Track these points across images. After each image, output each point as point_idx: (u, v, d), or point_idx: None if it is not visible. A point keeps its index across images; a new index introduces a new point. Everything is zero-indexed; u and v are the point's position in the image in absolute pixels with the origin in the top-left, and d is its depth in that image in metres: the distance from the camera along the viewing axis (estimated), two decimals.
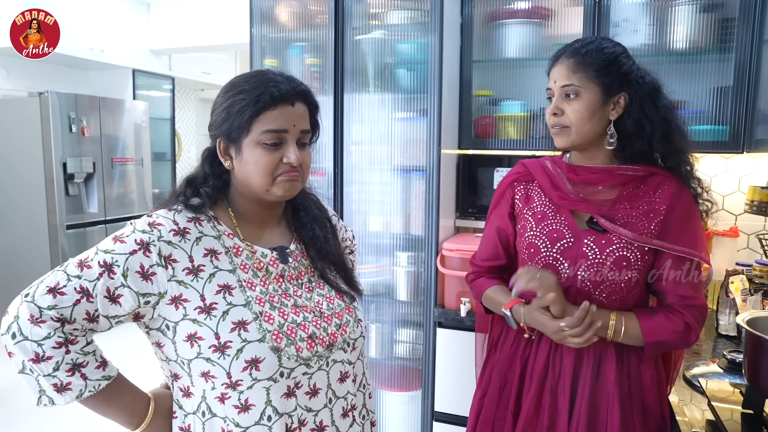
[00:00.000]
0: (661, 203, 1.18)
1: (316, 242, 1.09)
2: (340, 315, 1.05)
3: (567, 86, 1.16)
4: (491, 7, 2.20)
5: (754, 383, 1.07)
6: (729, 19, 1.92)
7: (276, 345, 0.93)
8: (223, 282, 0.94)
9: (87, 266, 0.89)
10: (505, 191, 1.35)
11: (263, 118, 0.94)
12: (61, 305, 0.87)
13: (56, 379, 0.89)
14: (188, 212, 0.97)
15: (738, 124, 1.92)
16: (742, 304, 1.67)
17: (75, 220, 4.23)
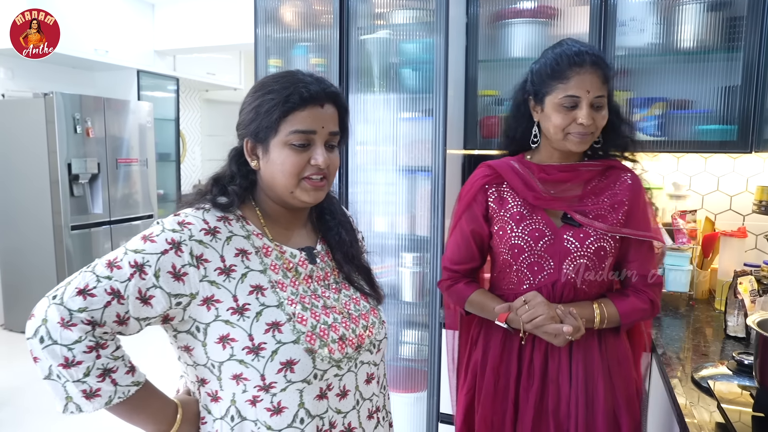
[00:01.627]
0: (622, 195, 1.29)
1: (342, 246, 1.08)
2: (366, 316, 1.05)
3: (600, 98, 1.22)
4: (497, 7, 2.19)
5: (765, 386, 1.06)
6: (737, 17, 1.90)
7: (310, 346, 0.92)
8: (255, 282, 0.93)
9: (117, 266, 0.86)
10: (477, 195, 1.36)
11: (292, 119, 0.93)
12: (91, 307, 0.84)
13: (86, 385, 0.86)
14: (216, 211, 0.96)
15: (746, 123, 1.91)
16: (750, 305, 1.66)
17: (80, 220, 4.23)
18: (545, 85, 1.25)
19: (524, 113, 1.34)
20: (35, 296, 3.23)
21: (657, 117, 2.04)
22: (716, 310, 1.96)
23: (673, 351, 1.57)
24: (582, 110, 1.20)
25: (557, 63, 1.22)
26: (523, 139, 1.36)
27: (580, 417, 1.29)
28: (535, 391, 1.30)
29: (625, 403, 1.33)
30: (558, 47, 1.26)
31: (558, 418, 1.30)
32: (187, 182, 6.25)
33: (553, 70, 1.23)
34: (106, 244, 4.46)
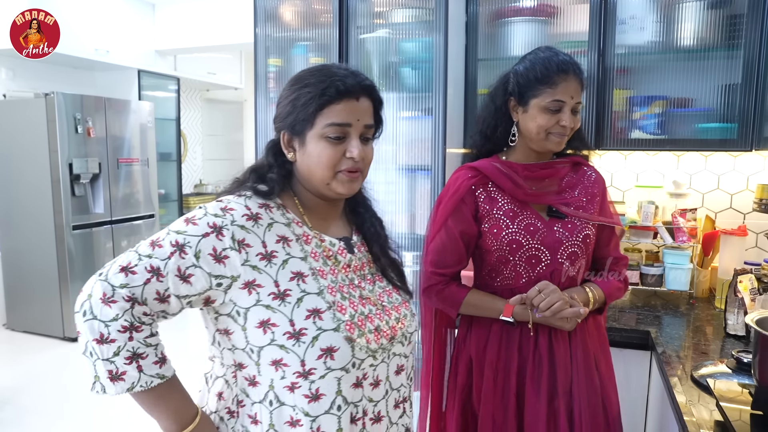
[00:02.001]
0: (593, 188, 1.43)
1: (378, 239, 1.12)
2: (398, 308, 1.07)
3: (578, 103, 1.32)
4: (496, 5, 2.19)
5: (763, 384, 1.06)
6: (737, 15, 1.90)
7: (350, 335, 0.94)
8: (296, 269, 0.95)
9: (158, 245, 0.90)
10: (465, 196, 1.38)
11: (327, 112, 0.95)
12: (132, 284, 0.87)
13: (113, 365, 0.88)
14: (258, 198, 0.97)
15: (746, 121, 1.90)
16: (750, 303, 1.65)
17: (81, 220, 4.24)
18: (532, 88, 1.31)
19: (504, 113, 1.39)
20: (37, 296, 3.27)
21: (657, 115, 2.03)
22: (716, 309, 1.96)
23: (673, 349, 1.57)
24: (565, 114, 1.30)
25: (546, 68, 1.29)
26: (501, 138, 1.41)
27: (583, 396, 1.36)
28: (545, 376, 1.34)
29: (610, 381, 1.45)
30: (540, 53, 1.34)
31: (568, 399, 1.36)
32: (188, 182, 6.26)
33: (543, 74, 1.29)
34: (107, 244, 4.47)
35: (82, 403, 3.22)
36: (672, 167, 2.24)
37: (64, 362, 3.85)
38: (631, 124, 2.07)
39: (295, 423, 0.94)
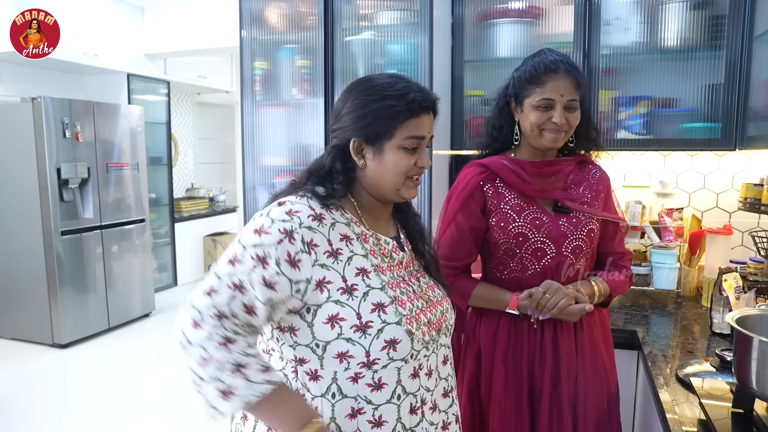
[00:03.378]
0: (598, 185, 1.47)
1: (423, 236, 1.18)
2: (441, 303, 1.13)
3: (573, 101, 1.34)
4: (482, 7, 2.19)
5: (743, 382, 1.06)
6: (719, 16, 1.91)
7: (410, 328, 0.99)
8: (360, 265, 1.00)
9: (238, 262, 0.93)
10: (474, 192, 1.44)
11: (408, 125, 1.01)
12: (218, 303, 0.91)
13: (220, 383, 0.89)
14: (317, 200, 1.01)
15: (730, 121, 1.92)
16: (735, 302, 1.66)
17: (70, 225, 4.21)
18: (524, 89, 1.38)
19: (507, 114, 1.46)
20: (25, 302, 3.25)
21: (642, 115, 2.04)
22: (703, 308, 1.97)
23: (660, 348, 1.58)
24: (556, 111, 1.34)
25: (535, 70, 1.35)
26: (506, 137, 1.47)
27: (589, 385, 1.42)
28: (549, 366, 1.40)
29: (612, 370, 1.50)
30: (537, 56, 1.39)
31: (573, 387, 1.41)
32: (180, 186, 6.24)
33: (532, 76, 1.36)
34: (97, 249, 4.45)
35: (74, 411, 3.20)
36: (659, 167, 2.25)
37: (54, 369, 3.82)
38: (617, 125, 2.08)
39: (356, 413, 0.98)
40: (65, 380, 3.65)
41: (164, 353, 4.25)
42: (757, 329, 1.08)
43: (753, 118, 1.82)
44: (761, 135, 1.73)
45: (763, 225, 2.06)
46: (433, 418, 1.06)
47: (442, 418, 1.09)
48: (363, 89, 1.04)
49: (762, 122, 1.75)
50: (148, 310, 4.96)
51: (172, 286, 5.62)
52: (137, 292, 4.84)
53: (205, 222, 6.03)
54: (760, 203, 1.84)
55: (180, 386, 3.51)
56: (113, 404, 3.27)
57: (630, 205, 2.18)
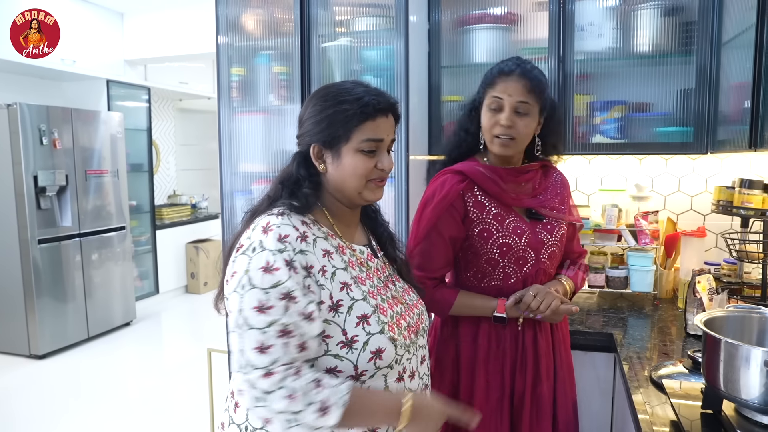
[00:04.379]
0: (562, 189, 1.51)
1: (392, 241, 1.21)
2: (417, 305, 1.17)
3: (522, 103, 1.33)
4: (459, 13, 2.21)
5: (711, 383, 1.07)
6: (689, 22, 1.95)
7: (392, 335, 1.01)
8: (343, 279, 1.01)
9: (268, 308, 0.91)
10: (455, 202, 1.40)
11: (364, 128, 1.02)
12: (278, 358, 0.91)
13: (315, 404, 0.90)
14: (296, 214, 1.02)
15: (701, 125, 1.95)
16: (708, 303, 1.68)
17: (48, 234, 4.15)
18: (482, 91, 1.40)
19: (475, 118, 1.45)
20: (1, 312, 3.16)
21: (617, 120, 2.07)
22: (679, 309, 1.99)
23: (635, 351, 1.59)
24: (504, 112, 1.33)
25: (491, 72, 1.38)
26: (472, 143, 1.46)
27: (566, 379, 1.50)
28: (530, 366, 1.43)
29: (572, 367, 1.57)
30: (501, 62, 1.41)
31: (552, 383, 1.47)
32: (162, 192, 6.18)
33: (488, 78, 1.39)
34: (76, 258, 4.38)
35: (51, 424, 3.14)
36: (634, 170, 2.28)
37: (30, 381, 3.76)
38: (592, 129, 2.10)
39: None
40: (42, 392, 3.58)
41: (146, 362, 4.20)
42: (725, 330, 1.10)
43: (723, 122, 1.86)
44: (731, 139, 1.76)
45: (735, 227, 2.09)
46: None
47: None
48: (321, 96, 1.06)
49: (731, 126, 1.78)
50: (129, 319, 4.89)
51: (153, 294, 5.56)
52: (118, 301, 4.78)
53: (188, 229, 5.98)
54: (733, 206, 1.86)
55: (162, 396, 3.48)
56: (93, 416, 3.22)
57: (606, 208, 2.20)
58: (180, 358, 4.29)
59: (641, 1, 1.99)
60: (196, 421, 3.08)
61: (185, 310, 5.53)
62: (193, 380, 3.67)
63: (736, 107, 1.70)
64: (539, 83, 1.34)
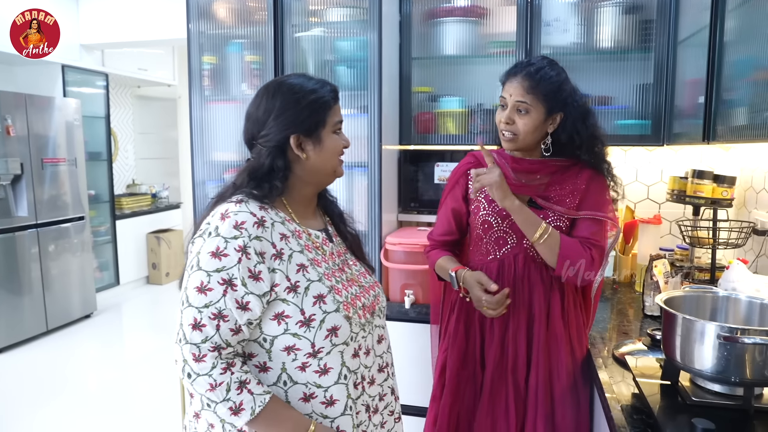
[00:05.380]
0: (581, 184, 1.48)
1: (342, 217, 1.28)
2: (373, 287, 1.23)
3: (520, 102, 1.40)
4: (429, 5, 2.25)
5: (669, 356, 1.16)
6: (648, 20, 2.05)
7: (347, 314, 1.08)
8: (299, 261, 1.06)
9: (208, 290, 0.99)
10: (459, 178, 1.59)
11: (334, 111, 1.14)
12: (209, 335, 0.98)
13: (230, 402, 0.99)
14: (255, 202, 1.06)
15: (658, 118, 2.06)
16: (664, 286, 1.80)
17: (2, 224, 3.99)
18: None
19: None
20: None
21: None
22: (636, 292, 2.11)
23: (598, 331, 1.69)
24: (505, 110, 1.44)
25: (504, 73, 1.47)
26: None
27: (541, 378, 1.47)
28: (494, 350, 1.50)
29: (581, 369, 1.52)
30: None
31: (516, 376, 1.48)
32: (120, 182, 6.02)
33: (501, 78, 1.49)
34: (33, 249, 4.24)
35: (7, 419, 3.06)
36: None
37: None
38: None
39: (309, 397, 1.06)
40: (4, 384, 3.48)
41: (106, 355, 4.12)
42: (682, 309, 1.18)
43: (678, 116, 1.97)
44: (685, 132, 1.87)
45: (687, 215, 2.22)
46: (371, 391, 1.16)
47: (378, 391, 1.19)
48: (287, 90, 1.11)
49: (686, 120, 1.89)
50: (89, 311, 4.78)
51: (114, 285, 5.43)
52: (77, 293, 4.65)
53: (148, 219, 5.84)
54: (686, 195, 1.98)
55: (123, 389, 3.43)
56: (52, 411, 3.15)
57: None
58: (142, 350, 4.22)
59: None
60: (157, 415, 3.05)
61: (147, 302, 5.43)
62: (155, 373, 3.63)
63: (691, 102, 1.81)
64: (540, 83, 1.39)
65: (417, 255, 2.04)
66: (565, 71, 1.46)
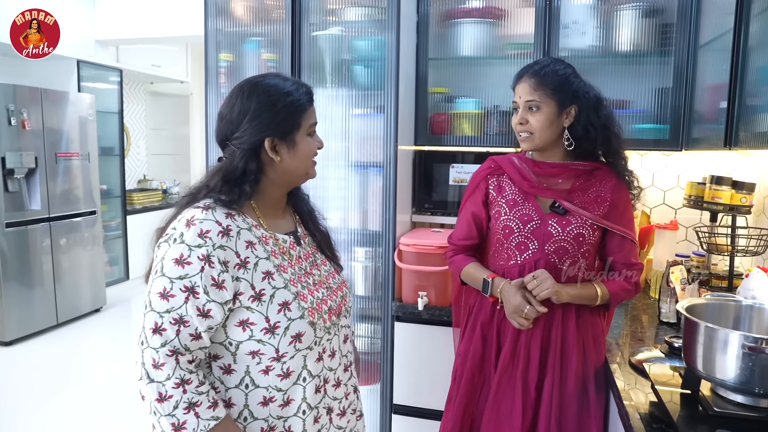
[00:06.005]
0: (606, 192, 1.48)
1: (311, 215, 1.28)
2: (341, 288, 1.25)
3: (530, 101, 1.43)
4: (446, 6, 2.24)
5: (691, 365, 1.15)
6: (668, 24, 2.02)
7: (312, 320, 1.09)
8: (265, 269, 1.07)
9: (171, 296, 1.00)
10: (480, 183, 1.59)
11: (308, 115, 1.14)
12: (168, 340, 0.99)
13: (174, 419, 1.00)
14: (222, 208, 1.07)
15: (677, 123, 2.03)
16: (681, 292, 1.77)
17: (15, 217, 4.03)
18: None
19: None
20: None
21: None
22: (651, 298, 2.09)
23: (613, 337, 1.67)
24: (518, 112, 1.46)
25: (513, 79, 1.50)
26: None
27: (556, 384, 1.46)
28: (505, 352, 1.49)
29: (594, 376, 1.49)
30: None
31: (526, 380, 1.47)
32: (132, 177, 6.05)
33: (512, 84, 1.51)
34: (44, 242, 4.27)
35: (17, 410, 3.08)
36: None
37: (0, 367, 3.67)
38: None
39: (268, 401, 1.08)
40: (9, 379, 3.51)
41: (115, 349, 4.14)
42: (704, 317, 1.17)
43: (697, 121, 1.95)
44: (705, 137, 1.85)
45: (704, 221, 2.20)
46: (336, 393, 1.19)
47: (343, 391, 1.22)
48: (263, 92, 1.10)
49: (705, 125, 1.87)
50: (98, 305, 4.80)
51: (123, 280, 5.46)
52: (87, 287, 4.68)
53: (158, 214, 5.75)
54: (703, 201, 1.96)
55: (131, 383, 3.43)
56: (60, 403, 3.17)
57: None
58: None
59: (623, 2, 2.06)
60: None
61: None
62: None
63: (711, 107, 1.79)
64: (546, 78, 1.42)
65: (430, 256, 2.03)
66: (572, 67, 1.48)
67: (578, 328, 1.49)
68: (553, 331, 1.47)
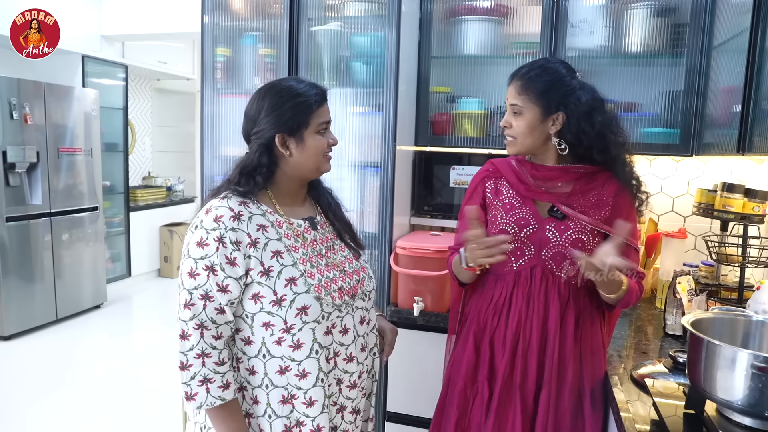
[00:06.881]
0: (608, 197, 1.42)
1: (331, 207, 1.39)
2: (357, 272, 1.34)
3: (513, 105, 1.40)
4: (451, 3, 2.18)
5: (695, 383, 1.08)
6: (681, 24, 1.95)
7: (318, 295, 1.19)
8: (275, 249, 1.19)
9: (196, 275, 1.14)
10: (477, 186, 1.55)
11: (318, 114, 1.24)
12: (195, 313, 1.14)
13: (189, 388, 1.14)
14: (237, 197, 1.20)
15: (688, 127, 1.96)
16: (688, 304, 1.70)
17: (16, 212, 4.01)
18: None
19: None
20: None
21: None
22: (657, 309, 2.01)
23: (615, 349, 1.60)
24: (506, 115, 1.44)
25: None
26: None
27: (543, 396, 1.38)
28: (504, 365, 1.42)
29: (590, 391, 1.41)
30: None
31: (524, 393, 1.40)
32: (136, 173, 6.04)
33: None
34: (46, 237, 4.25)
35: (15, 405, 3.06)
36: None
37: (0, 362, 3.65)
38: None
39: (284, 370, 1.19)
40: (7, 373, 3.49)
41: (115, 345, 4.12)
42: (711, 332, 1.10)
43: (710, 126, 1.87)
44: (717, 142, 1.78)
45: (715, 230, 2.12)
46: (348, 367, 1.28)
47: (359, 369, 1.31)
48: (275, 93, 1.23)
49: (718, 130, 1.79)
50: (99, 302, 4.79)
51: (125, 276, 5.44)
52: (88, 283, 4.66)
53: (162, 212, 5.85)
54: (713, 209, 1.89)
55: (130, 380, 3.40)
56: (59, 399, 3.14)
57: None
58: (150, 342, 4.21)
59: (634, 1, 1.99)
60: (164, 407, 3.03)
61: (157, 294, 5.43)
62: (163, 365, 3.61)
63: (725, 111, 1.71)
64: (531, 83, 1.37)
65: (427, 260, 1.97)
66: (569, 71, 1.39)
67: (576, 340, 1.41)
68: (549, 342, 1.40)
